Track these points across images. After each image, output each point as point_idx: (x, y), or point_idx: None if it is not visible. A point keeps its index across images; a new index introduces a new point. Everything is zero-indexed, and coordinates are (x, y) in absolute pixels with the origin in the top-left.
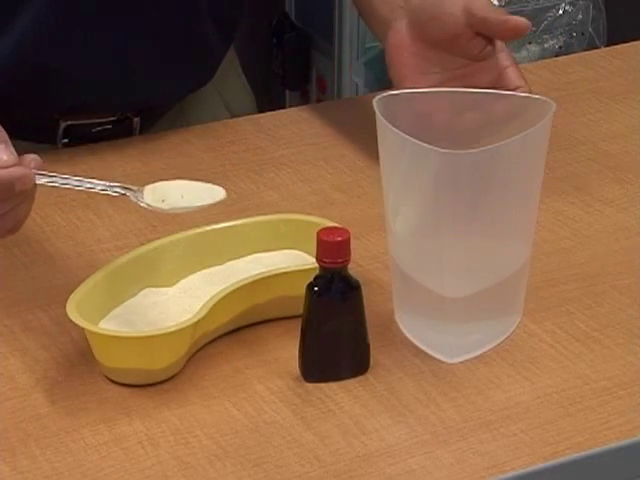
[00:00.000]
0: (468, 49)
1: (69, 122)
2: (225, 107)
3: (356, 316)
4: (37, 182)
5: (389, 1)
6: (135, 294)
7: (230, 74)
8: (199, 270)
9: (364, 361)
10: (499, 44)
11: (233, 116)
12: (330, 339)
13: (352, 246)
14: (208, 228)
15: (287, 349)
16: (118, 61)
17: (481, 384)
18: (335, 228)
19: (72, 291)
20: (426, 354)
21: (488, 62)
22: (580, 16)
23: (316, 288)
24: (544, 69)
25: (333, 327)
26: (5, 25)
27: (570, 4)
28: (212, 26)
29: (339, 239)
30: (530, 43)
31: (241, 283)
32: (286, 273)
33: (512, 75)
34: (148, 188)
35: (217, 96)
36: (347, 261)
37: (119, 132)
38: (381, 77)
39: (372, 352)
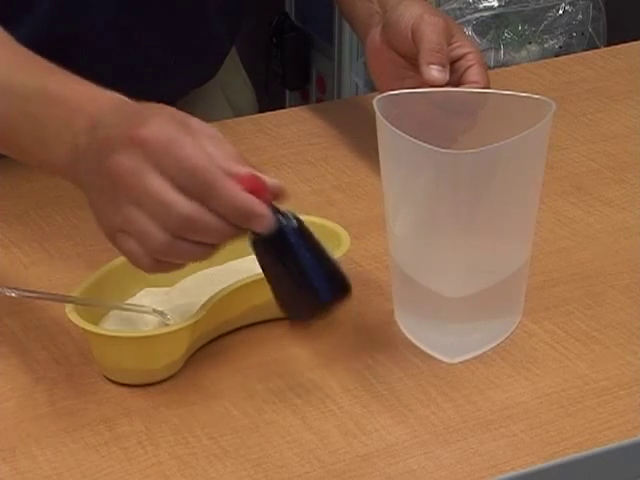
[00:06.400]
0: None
1: None
2: (227, 102)
3: (310, 244)
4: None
5: (367, 6)
6: (135, 294)
7: (231, 70)
8: (199, 270)
9: (341, 280)
10: (468, 43)
11: (235, 111)
12: (295, 274)
13: (352, 246)
14: None
15: (287, 349)
16: (123, 58)
17: (481, 384)
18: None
19: (72, 291)
20: (426, 354)
21: (457, 64)
22: (580, 16)
23: (253, 237)
24: (544, 69)
25: (290, 264)
26: (8, 27)
27: (570, 4)
28: (218, 20)
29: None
30: (530, 43)
31: (241, 283)
32: None
33: (471, 72)
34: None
35: (220, 92)
36: (268, 200)
37: None
38: None
39: (372, 352)
